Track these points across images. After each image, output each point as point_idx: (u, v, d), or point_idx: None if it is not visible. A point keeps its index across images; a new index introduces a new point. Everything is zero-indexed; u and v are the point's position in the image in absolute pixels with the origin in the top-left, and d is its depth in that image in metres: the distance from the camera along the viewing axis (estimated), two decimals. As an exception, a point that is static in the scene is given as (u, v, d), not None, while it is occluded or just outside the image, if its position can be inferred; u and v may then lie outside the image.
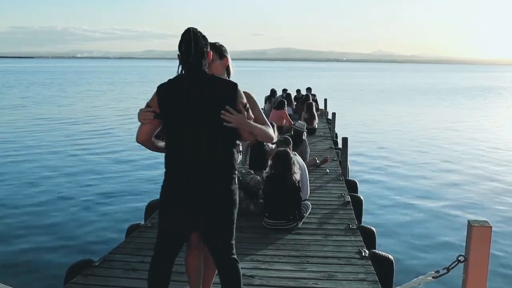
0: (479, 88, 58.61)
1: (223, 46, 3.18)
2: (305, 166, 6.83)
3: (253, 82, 52.57)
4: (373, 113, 27.36)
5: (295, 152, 7.18)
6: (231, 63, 3.22)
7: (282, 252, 4.86)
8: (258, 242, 5.16)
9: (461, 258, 2.76)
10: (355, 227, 5.64)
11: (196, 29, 2.78)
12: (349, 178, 8.83)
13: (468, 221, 2.75)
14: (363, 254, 4.74)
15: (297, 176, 5.73)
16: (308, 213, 5.92)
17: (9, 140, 16.27)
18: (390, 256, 4.81)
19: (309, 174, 6.95)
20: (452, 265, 2.76)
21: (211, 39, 2.92)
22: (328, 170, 8.76)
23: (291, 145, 7.17)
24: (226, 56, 3.17)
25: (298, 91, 20.70)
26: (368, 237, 5.52)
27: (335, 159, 10.05)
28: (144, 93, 35.58)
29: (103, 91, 42.99)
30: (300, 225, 5.64)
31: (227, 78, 3.08)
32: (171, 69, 3.22)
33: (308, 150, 9.41)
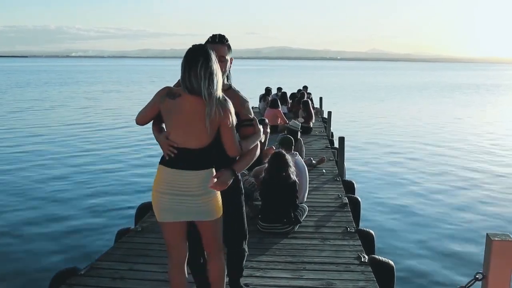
0: (476, 85, 58.66)
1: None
2: (306, 167, 6.61)
3: (248, 81, 52.34)
4: (369, 111, 27.18)
5: (297, 152, 6.97)
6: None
7: (277, 258, 4.66)
8: (253, 247, 4.90)
9: (479, 276, 2.53)
10: (353, 230, 5.44)
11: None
12: (346, 179, 8.62)
13: (487, 234, 2.50)
14: (363, 259, 4.54)
15: (293, 177, 5.53)
16: (304, 216, 5.72)
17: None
18: (391, 262, 4.60)
19: (305, 175, 6.72)
20: (470, 284, 2.52)
21: (204, 38, 2.78)
22: (324, 171, 8.57)
23: (293, 145, 6.98)
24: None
25: (299, 90, 20.44)
26: (367, 241, 5.32)
27: (331, 159, 9.85)
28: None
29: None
30: (296, 228, 5.44)
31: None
32: (172, 68, 3.04)
33: (304, 150, 9.20)
